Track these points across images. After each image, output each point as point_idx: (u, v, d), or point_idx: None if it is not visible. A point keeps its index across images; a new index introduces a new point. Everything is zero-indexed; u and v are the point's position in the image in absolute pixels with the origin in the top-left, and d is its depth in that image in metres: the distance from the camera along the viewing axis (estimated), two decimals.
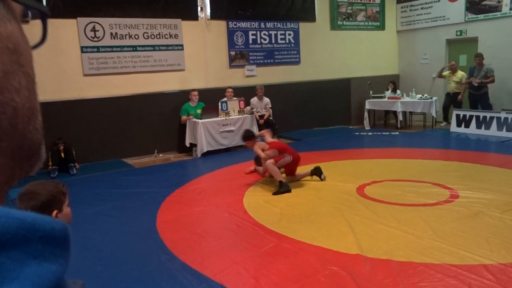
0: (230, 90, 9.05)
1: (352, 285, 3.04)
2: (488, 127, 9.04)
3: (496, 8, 10.06)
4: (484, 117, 9.14)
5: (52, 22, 7.66)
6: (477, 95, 9.52)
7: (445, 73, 10.24)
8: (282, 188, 5.51)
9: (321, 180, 5.96)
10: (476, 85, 9.37)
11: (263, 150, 5.81)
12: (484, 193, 5.01)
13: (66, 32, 7.84)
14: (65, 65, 7.87)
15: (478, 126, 9.21)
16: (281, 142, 6.63)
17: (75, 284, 1.78)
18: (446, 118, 10.32)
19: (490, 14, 10.18)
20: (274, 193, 5.48)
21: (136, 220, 4.79)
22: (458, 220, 4.22)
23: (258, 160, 6.03)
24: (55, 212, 1.78)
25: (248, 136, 6.16)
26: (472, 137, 8.97)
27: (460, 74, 9.98)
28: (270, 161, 5.67)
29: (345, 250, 3.63)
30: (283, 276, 3.25)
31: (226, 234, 4.24)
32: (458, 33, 10.95)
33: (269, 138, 6.17)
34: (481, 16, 10.37)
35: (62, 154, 7.37)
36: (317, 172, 6.01)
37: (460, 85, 9.92)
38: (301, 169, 6.12)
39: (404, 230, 4.04)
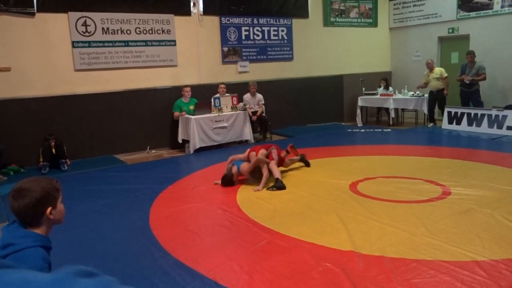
0: (222, 86, 9.01)
1: (346, 282, 3.05)
2: (479, 124, 9.11)
3: (487, 6, 10.12)
4: (476, 114, 9.21)
5: (42, 17, 7.59)
6: (468, 93, 9.58)
7: (425, 77, 10.13)
8: (277, 184, 5.52)
9: (307, 166, 6.57)
10: (467, 82, 9.43)
11: (250, 159, 5.82)
12: (475, 189, 5.05)
13: (57, 27, 7.74)
14: (56, 60, 7.78)
15: (470, 123, 9.28)
16: (256, 146, 6.48)
17: None
18: (433, 119, 10.22)
19: (481, 12, 10.24)
20: (268, 188, 5.49)
21: (129, 216, 4.76)
22: (450, 216, 4.25)
23: (254, 173, 5.80)
24: (49, 209, 1.76)
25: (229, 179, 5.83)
26: (464, 134, 9.04)
27: (438, 70, 9.85)
28: (273, 161, 5.85)
29: (338, 247, 3.64)
30: (276, 272, 3.25)
31: (219, 231, 4.23)
32: (450, 31, 11.01)
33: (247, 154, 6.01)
34: (473, 14, 10.43)
35: (54, 150, 7.30)
36: (303, 159, 6.55)
37: (442, 80, 9.78)
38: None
39: (396, 226, 4.06)
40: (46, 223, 1.79)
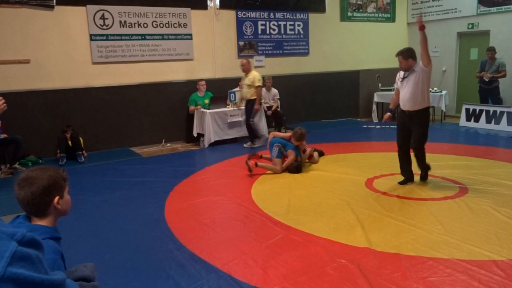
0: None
1: (360, 278, 3.04)
2: (498, 122, 8.95)
3: (509, 1, 9.89)
4: (494, 111, 9.05)
5: (61, 10, 7.67)
6: (487, 90, 9.40)
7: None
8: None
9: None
10: (487, 80, 9.25)
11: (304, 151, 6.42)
12: (493, 188, 4.97)
13: (75, 19, 7.82)
14: (74, 53, 7.87)
15: (488, 121, 9.12)
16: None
17: (86, 267, 1.77)
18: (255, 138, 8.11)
19: (503, 7, 10.02)
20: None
21: (145, 209, 4.81)
22: (467, 215, 4.19)
23: (295, 168, 6.18)
24: (57, 198, 1.71)
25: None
26: (482, 132, 8.89)
27: (253, 75, 7.81)
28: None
29: (353, 243, 3.63)
30: (291, 267, 3.25)
31: (234, 225, 4.25)
32: (470, 26, 10.80)
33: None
34: (493, 9, 10.22)
35: (70, 142, 7.40)
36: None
37: (254, 88, 7.80)
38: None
39: (412, 224, 4.02)
40: (53, 214, 1.73)
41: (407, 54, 5.02)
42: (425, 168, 5.28)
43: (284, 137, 6.44)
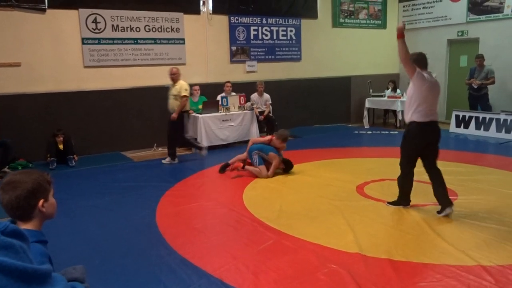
0: (228, 84, 9.02)
1: (351, 284, 3.05)
2: (487, 128, 9.06)
3: (498, 10, 10.05)
4: (484, 118, 9.16)
5: (53, 13, 7.64)
6: (477, 96, 9.51)
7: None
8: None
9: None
10: (476, 87, 9.37)
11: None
12: (482, 194, 5.03)
13: (68, 23, 7.79)
14: (66, 56, 7.83)
15: (478, 127, 9.23)
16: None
17: (75, 270, 1.76)
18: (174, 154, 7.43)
19: (492, 15, 10.18)
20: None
21: (136, 213, 4.78)
22: (457, 220, 4.23)
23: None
24: (41, 201, 1.69)
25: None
26: (471, 138, 8.99)
27: (180, 84, 7.20)
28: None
29: (344, 249, 3.64)
30: (282, 273, 3.26)
31: (225, 230, 4.25)
32: (460, 34, 10.94)
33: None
34: (482, 17, 10.37)
35: (61, 146, 7.36)
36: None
37: (180, 99, 7.10)
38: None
39: (403, 229, 4.05)
40: (38, 217, 1.71)
41: (411, 58, 4.41)
42: (400, 193, 4.69)
43: (263, 142, 6.49)
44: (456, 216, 4.34)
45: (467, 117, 9.46)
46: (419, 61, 4.39)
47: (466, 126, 9.43)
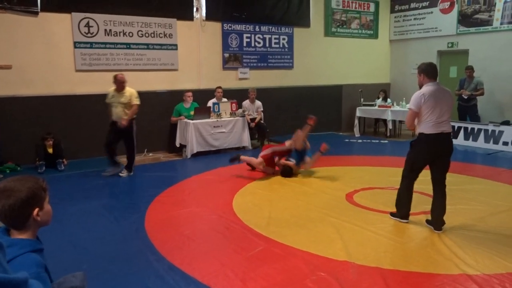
0: (219, 90, 9.03)
1: None
2: (475, 138, 9.16)
3: (487, 22, 10.23)
4: (472, 128, 9.27)
5: (46, 16, 7.61)
6: (466, 107, 9.64)
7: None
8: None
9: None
10: (465, 97, 9.49)
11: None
12: (469, 204, 5.08)
13: (60, 26, 7.77)
14: (58, 60, 7.80)
15: (466, 138, 9.33)
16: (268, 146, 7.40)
17: (75, 277, 1.75)
18: (115, 162, 7.06)
19: (481, 27, 10.35)
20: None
21: (124, 219, 4.76)
22: (444, 230, 4.26)
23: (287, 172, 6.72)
24: (36, 210, 1.64)
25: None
26: (460, 148, 9.06)
27: (130, 91, 6.81)
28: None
29: (333, 256, 3.65)
30: (271, 280, 3.25)
31: (214, 236, 4.24)
32: (450, 45, 11.10)
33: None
34: (472, 29, 10.54)
35: (51, 150, 7.30)
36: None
37: (129, 108, 6.76)
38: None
39: (391, 238, 4.08)
40: (33, 226, 1.65)
41: (419, 69, 4.29)
42: (397, 206, 4.60)
43: (282, 150, 6.98)
44: (444, 226, 4.37)
45: (456, 128, 9.56)
46: (426, 71, 4.25)
47: (455, 136, 9.51)
